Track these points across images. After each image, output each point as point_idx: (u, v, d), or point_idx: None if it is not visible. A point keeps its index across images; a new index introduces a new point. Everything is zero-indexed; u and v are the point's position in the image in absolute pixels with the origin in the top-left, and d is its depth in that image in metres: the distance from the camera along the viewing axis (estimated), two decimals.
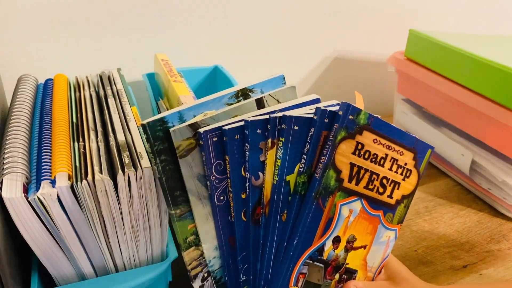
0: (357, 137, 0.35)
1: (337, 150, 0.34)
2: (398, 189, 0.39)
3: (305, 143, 0.34)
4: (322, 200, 0.34)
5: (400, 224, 0.41)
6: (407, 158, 0.39)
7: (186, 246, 0.36)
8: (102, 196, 0.35)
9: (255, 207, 0.35)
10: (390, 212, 0.39)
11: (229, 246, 0.37)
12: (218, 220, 0.36)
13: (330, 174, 0.34)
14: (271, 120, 0.34)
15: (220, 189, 0.35)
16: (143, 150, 0.37)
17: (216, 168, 0.35)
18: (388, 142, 0.37)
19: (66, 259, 0.37)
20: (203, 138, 0.33)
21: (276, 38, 0.79)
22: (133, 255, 0.40)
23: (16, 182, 0.33)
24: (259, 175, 0.35)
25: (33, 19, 0.61)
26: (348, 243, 0.37)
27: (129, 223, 0.37)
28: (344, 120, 0.34)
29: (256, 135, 0.34)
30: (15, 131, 0.39)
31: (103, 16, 0.64)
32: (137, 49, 0.68)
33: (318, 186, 0.34)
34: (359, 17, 0.84)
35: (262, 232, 0.36)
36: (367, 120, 0.35)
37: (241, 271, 0.38)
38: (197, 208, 0.35)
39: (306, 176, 0.35)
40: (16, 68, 0.58)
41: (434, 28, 0.79)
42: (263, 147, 0.35)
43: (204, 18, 0.71)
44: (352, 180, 0.36)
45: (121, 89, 0.48)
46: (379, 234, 0.39)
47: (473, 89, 0.61)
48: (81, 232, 0.36)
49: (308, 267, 0.35)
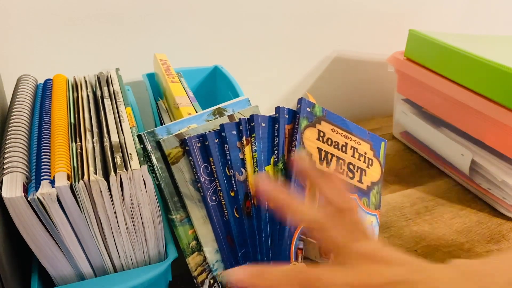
0: (317, 126, 0.41)
1: (304, 135, 0.40)
2: (366, 175, 0.44)
3: (273, 137, 0.40)
4: (302, 179, 0.39)
5: (378, 210, 0.45)
6: (365, 148, 0.45)
7: (190, 251, 0.39)
8: (97, 197, 0.35)
9: (244, 201, 0.39)
10: (365, 197, 0.44)
11: (228, 245, 0.39)
12: (214, 221, 0.39)
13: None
14: (242, 121, 0.40)
15: (211, 190, 0.39)
16: (133, 151, 0.37)
17: (204, 170, 0.39)
18: (345, 132, 0.43)
19: (65, 259, 0.37)
20: (188, 144, 0.39)
21: (276, 38, 0.79)
22: (130, 256, 0.40)
23: (16, 181, 0.34)
24: (241, 171, 0.39)
25: (33, 19, 0.61)
26: None
27: (124, 224, 0.37)
28: (304, 111, 0.41)
29: (232, 136, 0.40)
30: (15, 131, 0.39)
31: (103, 16, 0.64)
32: (137, 49, 0.69)
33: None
34: (359, 17, 0.84)
35: (255, 223, 0.38)
36: (322, 112, 0.43)
37: None
38: (194, 211, 0.39)
39: (282, 164, 0.39)
40: (16, 68, 0.58)
41: (434, 28, 0.79)
42: (240, 146, 0.40)
43: (204, 18, 0.71)
44: (323, 162, 0.41)
45: (117, 90, 0.48)
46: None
47: (473, 89, 0.61)
48: (79, 232, 0.36)
49: (304, 243, 0.38)
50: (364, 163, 0.44)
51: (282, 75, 0.85)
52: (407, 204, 0.65)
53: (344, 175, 0.42)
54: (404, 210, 0.64)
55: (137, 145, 0.39)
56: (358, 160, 0.43)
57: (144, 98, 0.65)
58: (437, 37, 0.68)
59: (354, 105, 0.95)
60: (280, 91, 0.86)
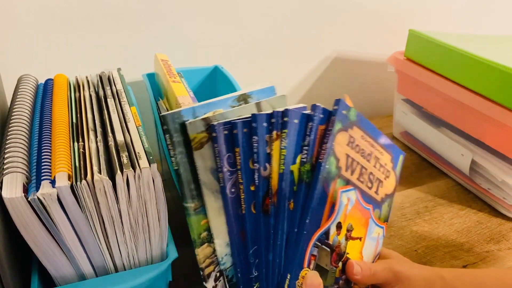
0: (349, 131, 0.39)
1: (336, 140, 0.38)
2: (382, 187, 0.43)
3: (304, 135, 0.38)
4: (326, 185, 0.37)
5: (386, 222, 0.44)
6: (386, 159, 0.43)
7: (200, 242, 0.37)
8: (101, 196, 0.35)
9: (264, 198, 0.37)
10: (378, 208, 0.43)
11: (240, 240, 0.38)
12: (230, 213, 0.37)
13: (331, 161, 0.37)
14: (275, 114, 0.38)
15: (231, 181, 0.37)
16: (141, 150, 0.37)
17: (228, 160, 0.37)
18: (372, 141, 0.42)
19: (66, 259, 0.37)
20: (216, 130, 0.36)
21: (276, 38, 0.79)
22: (132, 255, 0.40)
23: (16, 182, 0.34)
24: (266, 166, 0.37)
25: (33, 19, 0.61)
26: (348, 231, 0.39)
27: (128, 223, 0.37)
28: (339, 114, 0.39)
29: (262, 128, 0.37)
30: (15, 131, 0.39)
31: (103, 16, 0.64)
32: (137, 49, 0.69)
33: (324, 170, 0.37)
34: (359, 17, 0.84)
35: (272, 221, 0.37)
36: (356, 117, 0.40)
37: (253, 266, 0.38)
38: (210, 201, 0.37)
39: (309, 165, 0.37)
40: (16, 68, 0.58)
41: (434, 28, 0.79)
42: (269, 140, 0.37)
43: (204, 18, 0.71)
44: (348, 169, 0.39)
45: (120, 90, 0.48)
46: (371, 229, 0.42)
47: (473, 89, 0.61)
48: (80, 232, 0.36)
49: (318, 250, 0.37)
50: (383, 174, 0.43)
51: (282, 75, 0.85)
52: (407, 204, 0.66)
53: (364, 185, 0.41)
54: (404, 210, 0.64)
55: (145, 143, 0.38)
56: (378, 171, 0.42)
57: (144, 98, 0.65)
58: (437, 37, 0.68)
59: (354, 105, 0.94)
60: (280, 91, 0.86)
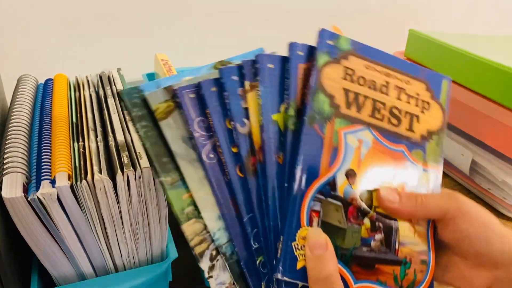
0: (343, 62, 0.34)
1: (323, 73, 0.33)
2: (419, 122, 0.35)
3: (283, 80, 0.33)
4: (318, 126, 0.32)
5: (439, 165, 0.36)
6: (417, 88, 0.36)
7: (185, 218, 0.32)
8: (102, 196, 0.35)
9: (248, 157, 0.33)
10: (418, 148, 0.35)
11: (232, 210, 0.33)
12: (213, 182, 0.33)
13: (321, 99, 0.32)
14: (244, 63, 0.34)
15: (208, 147, 0.33)
16: (142, 150, 0.37)
17: (199, 124, 0.33)
18: (385, 69, 0.35)
19: (66, 259, 0.37)
20: (178, 95, 0.33)
21: (276, 38, 0.79)
22: (132, 255, 0.40)
23: (16, 182, 0.33)
24: (244, 122, 0.33)
25: (33, 19, 0.61)
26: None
27: (129, 223, 0.37)
28: (323, 45, 0.33)
29: (232, 82, 0.33)
30: (15, 131, 0.39)
31: (103, 16, 0.64)
32: (137, 49, 0.69)
33: (310, 110, 0.32)
34: (359, 17, 0.84)
35: (261, 182, 0.32)
36: (351, 45, 0.35)
37: (251, 236, 0.33)
38: (188, 172, 0.33)
39: (293, 110, 0.32)
40: (16, 68, 0.58)
41: (434, 28, 0.79)
42: (243, 93, 0.33)
43: (204, 18, 0.71)
44: (351, 106, 0.33)
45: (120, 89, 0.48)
46: (411, 175, 0.34)
47: (473, 89, 0.61)
48: (80, 232, 0.36)
49: (321, 204, 0.31)
50: (416, 107, 0.35)
51: None
52: None
53: (385, 122, 0.34)
54: None
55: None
56: (406, 103, 0.35)
57: None
58: (437, 37, 0.68)
59: None
60: None
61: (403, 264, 0.32)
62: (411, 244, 0.33)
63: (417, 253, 0.33)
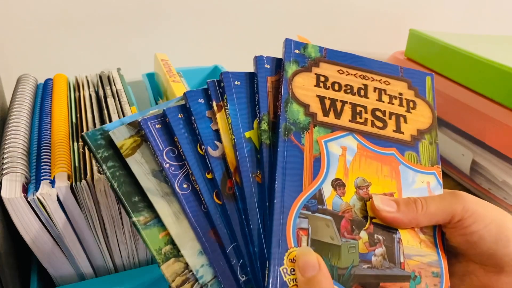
0: (314, 69, 0.33)
1: (293, 83, 0.32)
2: (406, 122, 0.33)
3: (253, 95, 0.32)
4: (295, 137, 0.30)
5: (436, 165, 0.33)
6: (399, 88, 0.35)
7: (163, 258, 0.30)
8: (101, 196, 0.35)
9: (224, 181, 0.30)
10: (410, 150, 0.33)
11: (212, 242, 0.30)
12: (189, 214, 0.30)
13: (294, 108, 0.31)
14: (210, 84, 0.32)
15: (180, 177, 0.31)
16: None
17: (168, 155, 0.31)
18: (360, 72, 0.34)
19: (65, 259, 0.37)
20: (143, 126, 0.32)
21: (276, 38, 0.79)
22: (132, 256, 0.40)
23: (15, 182, 0.33)
24: (215, 144, 0.31)
25: (33, 19, 0.61)
26: (359, 188, 0.30)
27: (128, 224, 0.37)
28: (289, 55, 0.33)
29: (199, 105, 0.32)
30: (14, 131, 0.39)
31: (103, 16, 0.64)
32: (137, 49, 0.68)
33: (284, 121, 0.30)
34: (359, 17, 0.84)
35: (241, 205, 0.29)
36: (319, 52, 0.34)
37: (237, 269, 0.29)
38: (161, 207, 0.31)
39: (265, 123, 0.31)
40: (16, 68, 0.58)
41: (435, 28, 0.79)
42: (211, 115, 0.32)
43: (204, 18, 0.71)
44: (329, 113, 0.32)
45: (120, 89, 0.48)
46: (406, 178, 0.32)
47: (473, 89, 0.61)
48: (80, 232, 0.36)
49: (309, 220, 0.28)
50: (401, 107, 0.34)
51: None
52: None
53: (369, 126, 0.32)
54: None
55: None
56: (389, 104, 0.33)
57: (144, 98, 0.65)
58: (438, 36, 0.68)
59: None
60: None
61: (412, 279, 0.28)
62: (417, 256, 0.29)
63: (426, 265, 0.29)
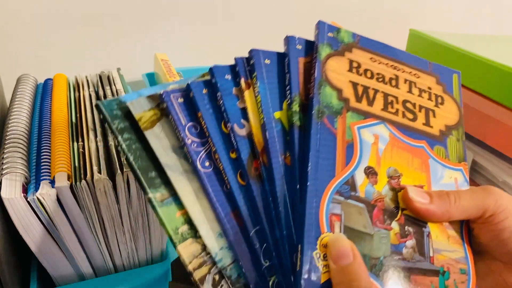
0: (347, 55, 0.32)
1: (327, 66, 0.30)
2: (435, 117, 0.33)
3: (282, 75, 0.31)
4: (329, 120, 0.29)
5: (463, 162, 0.33)
6: (428, 82, 0.34)
7: (180, 238, 0.28)
8: (101, 196, 0.35)
9: (250, 161, 0.29)
10: (439, 145, 0.32)
11: (235, 224, 0.28)
12: (211, 193, 0.28)
13: (327, 92, 0.30)
14: (238, 61, 0.31)
15: (202, 154, 0.29)
16: None
17: (191, 130, 0.29)
18: (392, 62, 0.33)
19: (65, 259, 0.37)
20: (165, 99, 0.30)
21: (276, 38, 0.79)
22: (132, 256, 0.40)
23: (15, 182, 0.33)
24: (242, 123, 0.29)
25: (33, 18, 0.61)
26: (391, 178, 0.30)
27: (128, 224, 0.37)
28: (323, 37, 0.32)
29: (225, 81, 0.30)
30: (14, 131, 0.39)
31: (103, 15, 0.64)
32: (137, 49, 0.68)
33: (317, 104, 0.29)
34: (359, 17, 0.84)
35: (267, 187, 0.28)
36: (352, 38, 0.33)
37: (260, 253, 0.27)
38: (180, 185, 0.28)
39: (297, 104, 0.29)
40: (16, 68, 0.57)
41: (435, 28, 0.79)
42: (238, 93, 0.30)
43: (204, 18, 0.71)
44: (362, 100, 0.31)
45: (120, 89, 0.48)
46: (436, 173, 0.31)
47: (474, 89, 0.61)
48: (80, 232, 0.36)
49: (342, 206, 0.27)
50: (430, 101, 0.33)
51: None
52: None
53: (400, 116, 0.31)
54: None
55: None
56: (419, 97, 0.32)
57: None
58: (438, 36, 0.68)
59: None
60: None
61: (441, 274, 0.28)
62: (446, 251, 0.29)
63: (455, 261, 0.28)
